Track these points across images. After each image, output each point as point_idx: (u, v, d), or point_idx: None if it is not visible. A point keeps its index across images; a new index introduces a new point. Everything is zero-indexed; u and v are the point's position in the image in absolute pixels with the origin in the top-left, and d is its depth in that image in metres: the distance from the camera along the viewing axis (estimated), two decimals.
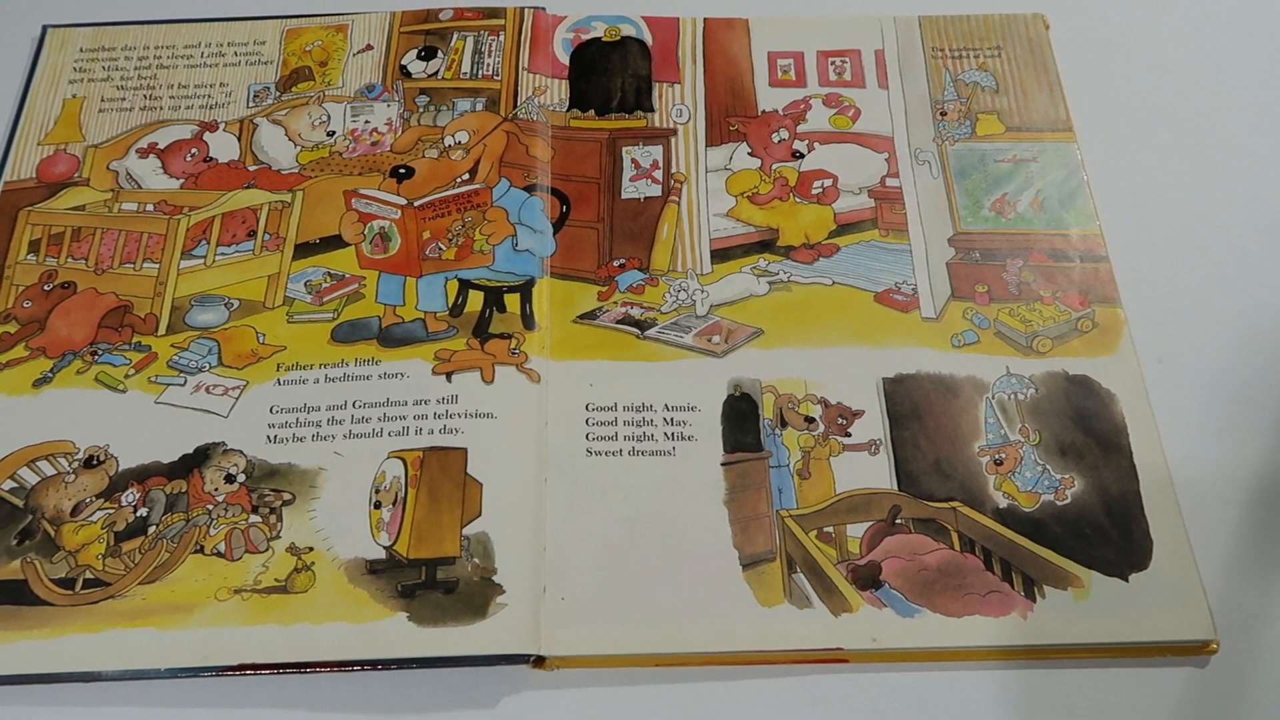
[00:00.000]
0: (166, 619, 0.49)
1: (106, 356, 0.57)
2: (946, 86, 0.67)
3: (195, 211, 0.62)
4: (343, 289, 0.59)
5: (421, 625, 0.49)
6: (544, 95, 0.66)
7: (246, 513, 0.52)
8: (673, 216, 0.62)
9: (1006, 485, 0.53)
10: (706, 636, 0.49)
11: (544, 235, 0.61)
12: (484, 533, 0.51)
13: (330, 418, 0.54)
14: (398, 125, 0.65)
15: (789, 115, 0.66)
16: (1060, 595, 0.50)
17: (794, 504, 0.52)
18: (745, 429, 0.55)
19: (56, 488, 0.53)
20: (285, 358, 0.57)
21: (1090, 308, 0.58)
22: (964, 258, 0.61)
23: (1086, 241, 0.61)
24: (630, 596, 0.50)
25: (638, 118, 0.66)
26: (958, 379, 0.56)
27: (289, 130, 0.65)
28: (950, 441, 0.54)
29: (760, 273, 0.60)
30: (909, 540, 0.52)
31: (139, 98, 0.67)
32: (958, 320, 0.58)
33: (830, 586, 0.50)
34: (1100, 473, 0.53)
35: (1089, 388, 0.56)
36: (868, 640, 0.49)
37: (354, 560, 0.50)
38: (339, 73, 0.68)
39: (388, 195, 0.62)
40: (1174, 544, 0.51)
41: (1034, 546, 0.51)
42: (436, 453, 0.53)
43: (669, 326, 0.58)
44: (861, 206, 0.63)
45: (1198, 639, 0.49)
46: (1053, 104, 0.66)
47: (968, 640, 0.49)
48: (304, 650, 0.48)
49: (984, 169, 0.64)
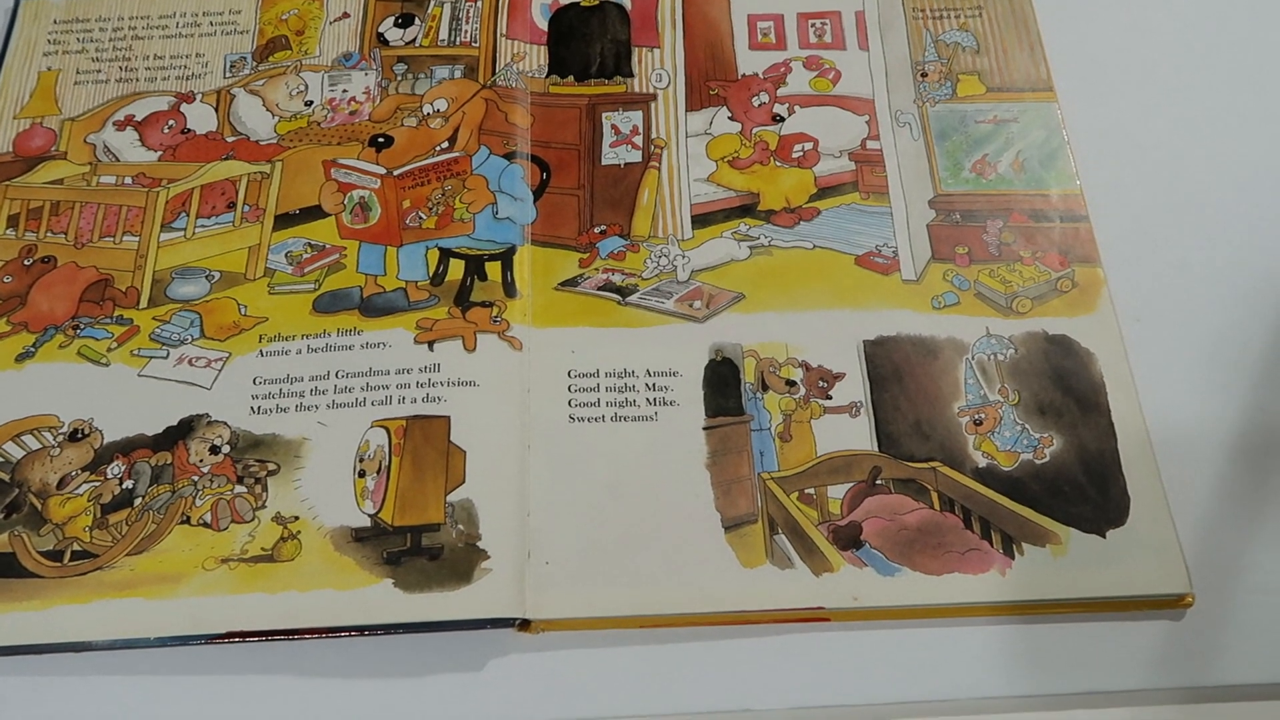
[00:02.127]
0: (154, 589, 0.50)
1: (88, 330, 0.57)
2: (927, 47, 0.67)
3: (174, 184, 0.62)
4: (323, 259, 0.59)
5: (407, 591, 0.49)
6: (523, 62, 0.66)
7: (232, 483, 0.52)
8: (653, 182, 0.62)
9: (986, 445, 0.53)
10: (689, 598, 0.50)
11: (524, 203, 0.61)
12: (468, 499, 0.51)
13: (313, 388, 0.55)
14: (376, 94, 0.65)
15: (769, 78, 0.66)
16: (1038, 552, 0.51)
17: (775, 467, 0.53)
18: (727, 393, 0.55)
19: (42, 461, 0.53)
20: (267, 329, 0.57)
21: (1070, 268, 0.59)
22: (944, 220, 0.61)
23: (1066, 201, 0.61)
24: (614, 560, 0.50)
25: (617, 83, 0.66)
26: (938, 340, 0.56)
27: (266, 100, 0.65)
28: (930, 402, 0.55)
29: (741, 237, 0.60)
30: (889, 500, 0.52)
31: (115, 69, 0.66)
32: (938, 282, 0.58)
33: (811, 547, 0.51)
34: (1079, 431, 0.54)
35: (1068, 347, 0.56)
36: (849, 599, 0.49)
37: (339, 529, 0.51)
38: (316, 41, 0.67)
39: (367, 165, 0.62)
40: (1151, 500, 0.52)
41: (1013, 505, 0.52)
42: (420, 421, 0.53)
43: (650, 292, 0.58)
44: (842, 170, 0.63)
45: (1173, 593, 0.50)
46: (1033, 64, 0.66)
47: (947, 597, 0.50)
48: (291, 617, 0.49)
49: (965, 130, 0.64)
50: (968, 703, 0.48)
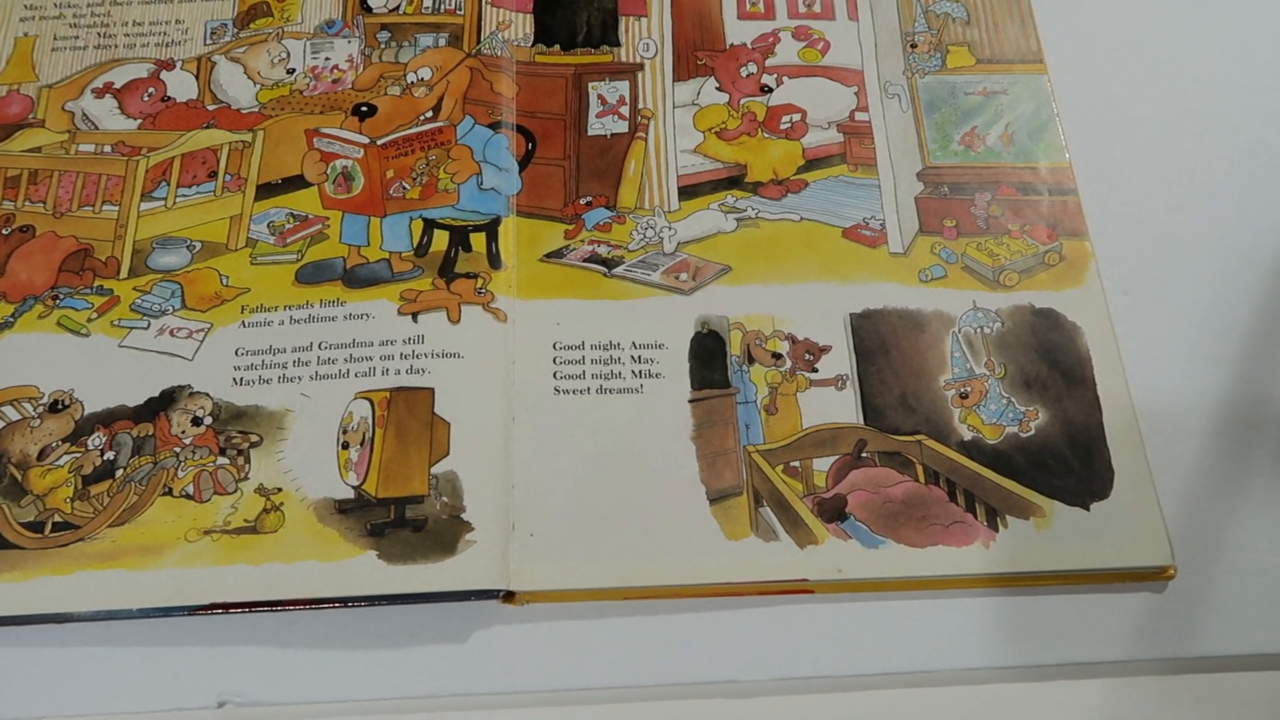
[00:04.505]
0: (137, 560, 0.49)
1: (68, 301, 0.56)
2: (917, 18, 0.66)
3: (154, 153, 0.61)
4: (306, 230, 0.59)
5: (391, 563, 0.49)
6: (508, 30, 0.65)
7: (214, 455, 0.52)
8: (640, 153, 0.62)
9: (971, 418, 0.53)
10: (674, 569, 0.50)
11: (509, 173, 0.60)
12: (452, 471, 0.51)
13: (296, 359, 0.54)
14: (359, 62, 0.64)
15: (757, 49, 0.65)
16: (1022, 525, 0.51)
17: (761, 439, 0.53)
18: (713, 366, 0.55)
19: (22, 432, 0.53)
20: (249, 300, 0.56)
21: (1057, 241, 0.58)
22: (932, 192, 0.60)
23: (1055, 175, 0.60)
24: (598, 532, 0.50)
25: (604, 52, 0.65)
26: (925, 314, 0.56)
27: (248, 68, 0.64)
28: (916, 376, 0.54)
29: (728, 209, 0.60)
30: (874, 473, 0.52)
31: (93, 36, 0.65)
32: (925, 255, 0.58)
33: (796, 519, 0.51)
34: (1064, 405, 0.54)
35: (1054, 321, 0.56)
36: (833, 571, 0.50)
37: (323, 500, 0.51)
38: (298, 8, 0.66)
39: (350, 134, 0.61)
40: (1135, 473, 0.52)
41: (997, 478, 0.52)
42: (403, 393, 0.53)
43: (636, 264, 0.58)
44: (830, 141, 0.62)
45: (1156, 565, 0.50)
46: (1024, 35, 0.65)
47: (931, 570, 0.50)
48: (275, 589, 0.49)
49: (954, 102, 0.63)
50: (951, 674, 0.49)
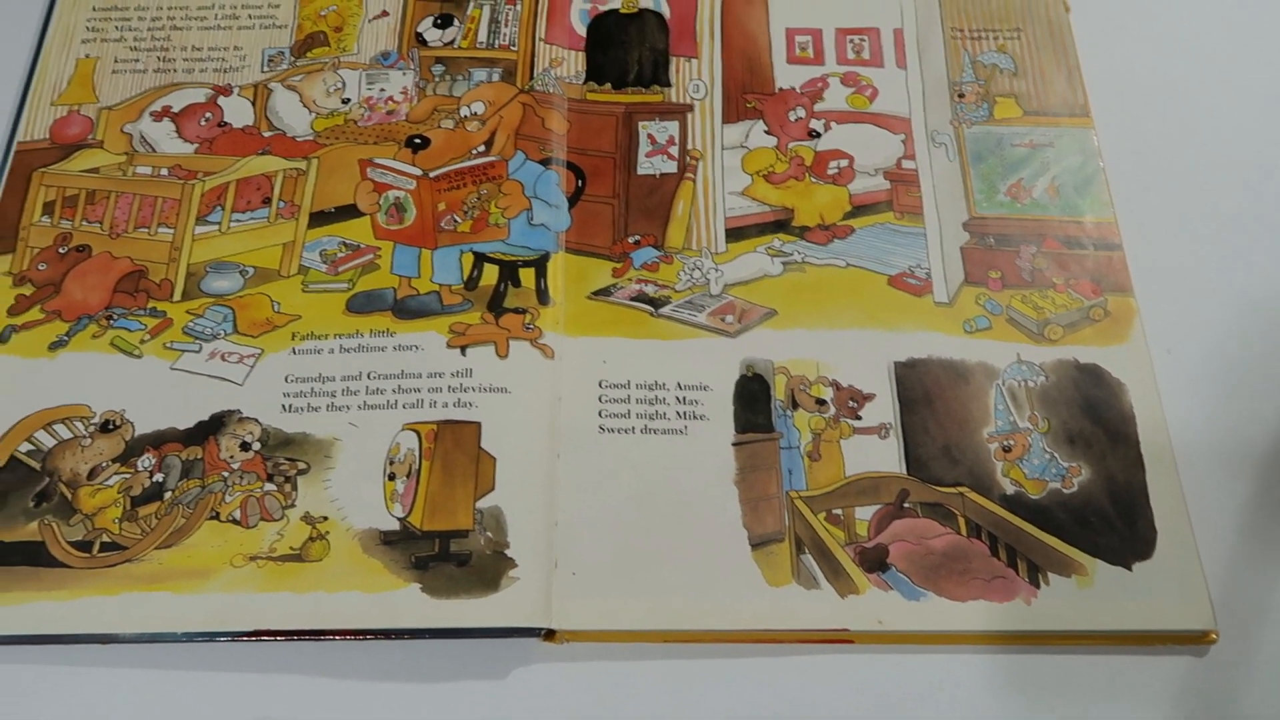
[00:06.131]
0: (182, 584, 0.50)
1: (122, 321, 0.57)
2: (965, 68, 0.67)
3: (210, 177, 0.62)
4: (358, 259, 0.59)
5: (434, 596, 0.49)
6: (560, 67, 0.66)
7: (261, 481, 0.52)
8: (688, 194, 0.62)
9: (1014, 472, 0.54)
10: (714, 614, 0.50)
11: (559, 210, 0.61)
12: (497, 506, 0.51)
13: (345, 388, 0.55)
14: (413, 94, 0.65)
15: (806, 93, 0.66)
16: (1064, 582, 0.51)
17: (804, 485, 0.53)
18: (757, 409, 0.55)
19: (73, 451, 0.53)
20: (300, 327, 0.57)
21: (1103, 296, 0.59)
22: (978, 243, 0.61)
23: (1101, 229, 0.61)
24: (640, 573, 0.50)
25: (654, 92, 0.66)
26: (969, 365, 0.56)
27: (304, 96, 0.65)
28: (960, 427, 0.55)
29: (775, 253, 0.60)
30: (916, 524, 0.52)
31: (152, 59, 0.66)
32: (970, 305, 0.58)
33: (838, 568, 0.51)
34: (1107, 462, 0.54)
35: (1099, 376, 0.56)
36: (873, 622, 0.50)
37: (368, 531, 0.51)
38: (354, 39, 0.67)
39: (403, 165, 0.62)
40: (1178, 534, 0.52)
41: (1039, 533, 0.52)
42: (450, 426, 0.53)
43: (683, 305, 0.58)
44: (877, 188, 0.62)
45: (1198, 629, 0.50)
46: (1071, 88, 0.66)
47: (972, 625, 0.50)
48: (318, 618, 0.49)
49: (1000, 153, 0.64)
50: None
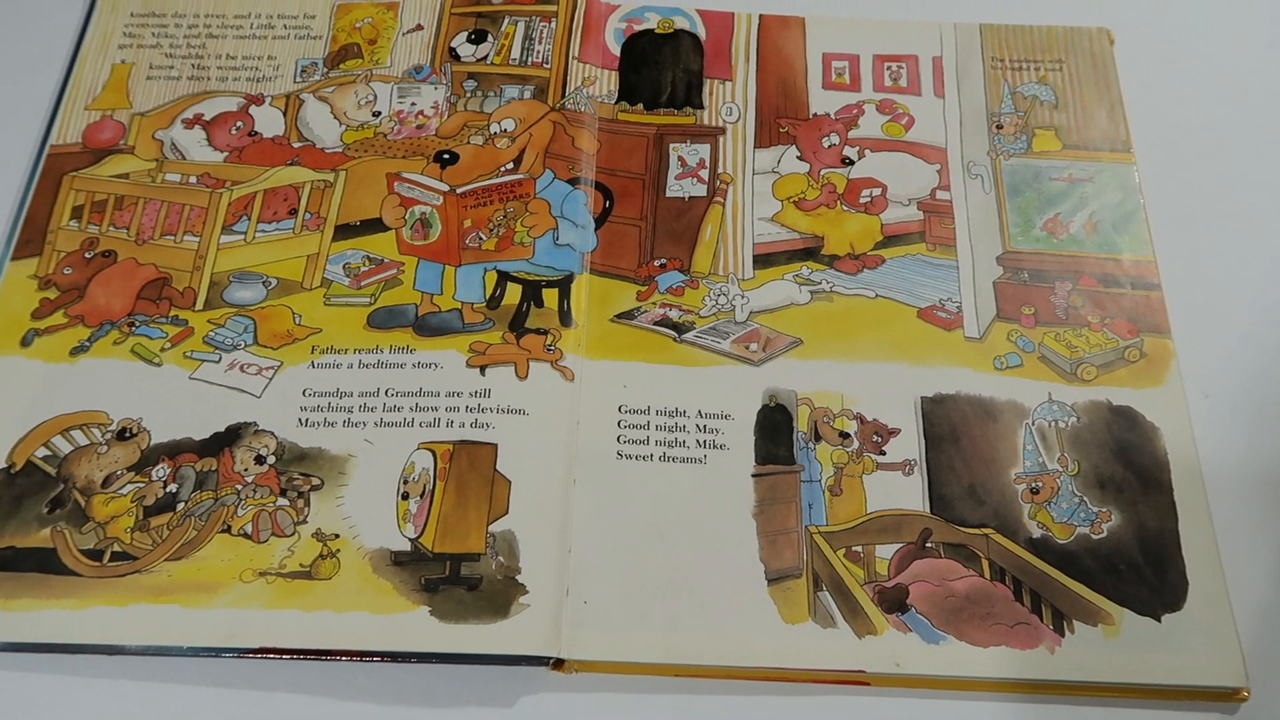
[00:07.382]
0: (191, 597, 0.49)
1: (144, 328, 0.57)
2: (1004, 98, 0.65)
3: (238, 186, 0.62)
4: (381, 274, 0.59)
5: (443, 620, 0.48)
6: (593, 86, 0.66)
7: (275, 495, 0.52)
8: (717, 218, 0.61)
9: (1041, 515, 0.52)
10: (727, 650, 0.49)
11: (585, 230, 0.60)
12: (510, 531, 0.51)
13: (362, 404, 0.54)
14: (444, 109, 0.65)
15: (841, 119, 0.65)
16: (1090, 631, 0.49)
17: (824, 520, 0.52)
18: (778, 440, 0.54)
19: (89, 458, 0.53)
20: (320, 340, 0.57)
21: (1139, 337, 0.57)
22: (1012, 277, 0.59)
23: (1139, 268, 0.59)
24: (653, 604, 0.49)
25: (686, 114, 0.65)
26: (998, 402, 0.55)
27: (335, 108, 0.65)
28: (986, 466, 0.53)
29: (802, 281, 0.59)
30: (938, 565, 0.51)
31: (187, 67, 0.67)
32: (1001, 342, 0.57)
33: (856, 607, 0.50)
34: (1139, 508, 0.52)
35: (1132, 420, 0.55)
36: (891, 665, 0.48)
37: (379, 550, 0.50)
38: (388, 52, 0.67)
39: (430, 180, 0.62)
40: (1210, 587, 0.50)
41: (1066, 580, 0.50)
42: (467, 446, 0.53)
43: (707, 331, 0.57)
44: (910, 218, 0.61)
45: (1229, 685, 0.48)
46: (1113, 123, 0.64)
47: (992, 671, 0.48)
48: (325, 638, 0.48)
49: (1038, 186, 0.62)
50: None
